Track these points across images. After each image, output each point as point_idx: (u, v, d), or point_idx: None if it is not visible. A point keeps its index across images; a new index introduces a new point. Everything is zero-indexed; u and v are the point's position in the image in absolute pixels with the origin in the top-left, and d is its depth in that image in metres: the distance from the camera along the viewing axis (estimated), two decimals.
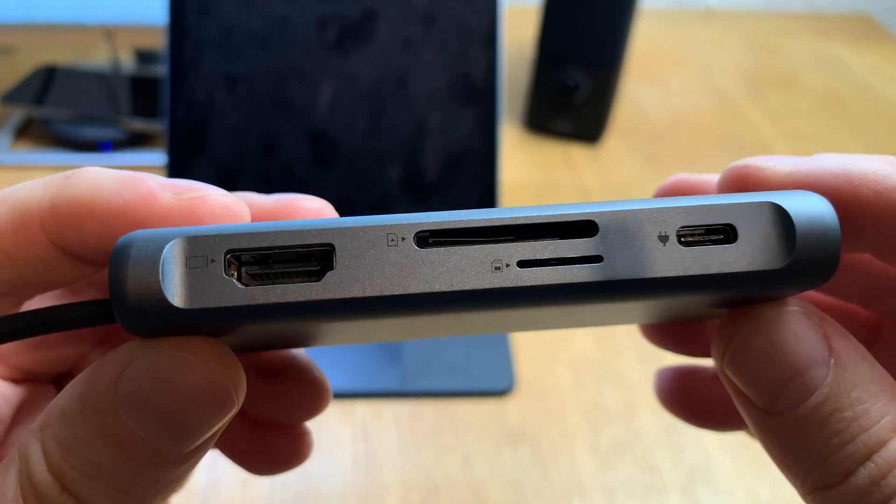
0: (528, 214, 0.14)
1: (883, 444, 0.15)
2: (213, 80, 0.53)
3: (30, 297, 0.17)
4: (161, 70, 0.69)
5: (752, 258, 0.14)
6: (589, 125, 0.70)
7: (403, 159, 0.54)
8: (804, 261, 0.14)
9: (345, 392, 0.46)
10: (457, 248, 0.14)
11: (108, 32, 0.65)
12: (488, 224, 0.14)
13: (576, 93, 0.67)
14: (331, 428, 0.45)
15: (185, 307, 0.13)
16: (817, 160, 0.16)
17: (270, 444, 0.23)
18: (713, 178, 0.19)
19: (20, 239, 0.15)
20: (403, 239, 0.14)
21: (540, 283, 0.14)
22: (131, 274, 0.13)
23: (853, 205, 0.16)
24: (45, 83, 0.67)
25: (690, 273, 0.14)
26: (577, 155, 0.70)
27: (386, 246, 0.14)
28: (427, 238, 0.14)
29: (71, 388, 0.14)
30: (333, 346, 0.23)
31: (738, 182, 0.17)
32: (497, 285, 0.13)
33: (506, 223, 0.14)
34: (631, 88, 0.80)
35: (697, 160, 0.71)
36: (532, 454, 0.44)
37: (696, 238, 0.14)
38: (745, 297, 0.15)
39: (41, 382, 0.20)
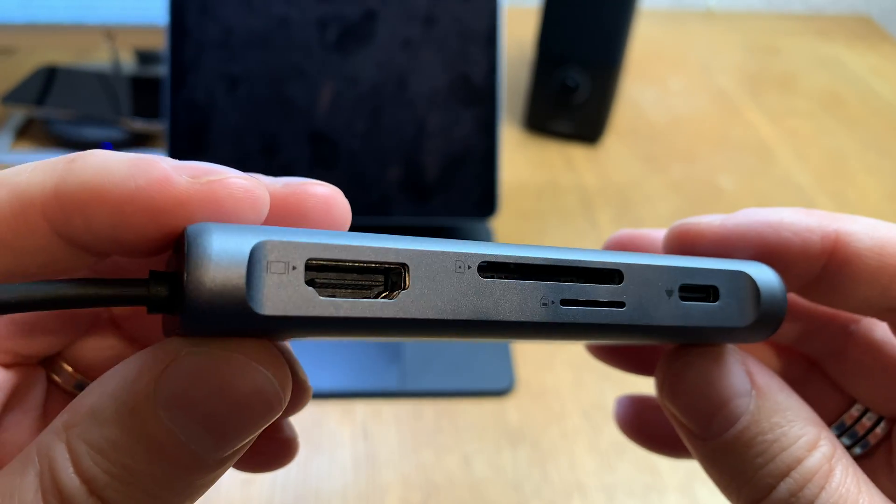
0: (570, 259, 0.16)
1: (799, 461, 0.17)
2: (214, 80, 0.53)
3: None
4: (161, 70, 0.69)
5: (730, 316, 0.17)
6: (589, 125, 0.70)
7: (403, 159, 0.55)
8: (764, 319, 0.17)
9: (345, 392, 0.46)
10: (511, 281, 0.15)
11: (109, 33, 0.65)
12: (539, 264, 0.15)
13: (576, 93, 0.67)
14: (331, 428, 0.45)
15: (266, 314, 0.13)
16: (742, 213, 0.19)
17: (257, 442, 0.22)
18: (656, 232, 0.22)
19: (20, 227, 0.14)
20: (469, 267, 0.15)
21: (578, 321, 0.16)
22: (214, 270, 0.12)
23: (774, 244, 0.19)
24: (46, 83, 0.67)
25: (688, 324, 0.17)
26: (576, 155, 0.70)
27: (454, 273, 0.14)
28: (486, 269, 0.15)
29: (102, 385, 0.14)
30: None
31: (680, 239, 0.20)
32: (545, 320, 0.15)
33: (552, 265, 0.16)
34: (631, 88, 0.80)
35: (697, 160, 0.71)
36: (532, 454, 0.44)
37: (691, 294, 0.17)
38: (707, 343, 0.18)
39: (30, 366, 0.19)
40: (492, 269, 0.15)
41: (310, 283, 0.13)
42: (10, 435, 0.18)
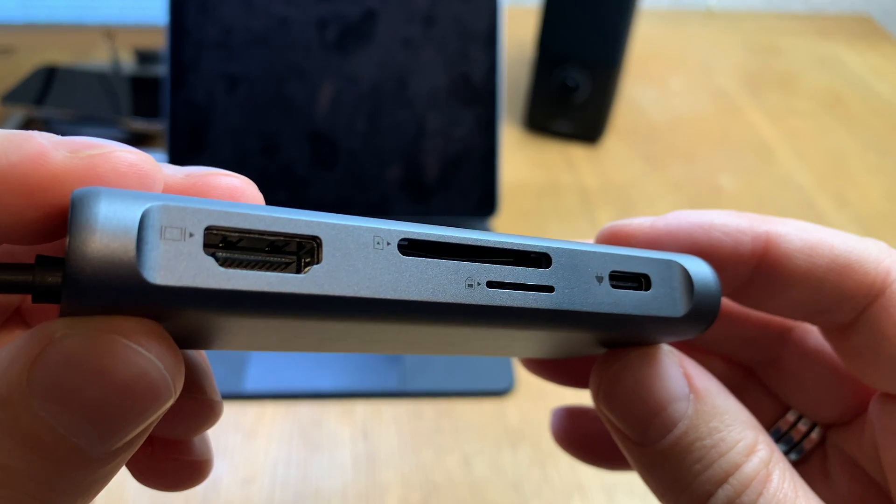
0: (496, 240, 0.15)
1: (737, 467, 0.17)
2: (214, 80, 0.53)
3: None
4: (161, 70, 0.69)
5: (662, 305, 0.17)
6: (589, 125, 0.70)
7: (403, 159, 0.54)
8: (698, 310, 0.17)
9: (345, 392, 0.46)
10: (434, 260, 0.14)
11: (109, 32, 0.65)
12: (463, 243, 0.15)
13: (576, 93, 0.67)
14: (331, 428, 0.45)
15: (159, 283, 0.11)
16: (673, 215, 0.20)
17: (161, 463, 0.20)
18: (640, 220, 0.22)
19: None
20: (388, 244, 0.14)
21: (504, 304, 0.15)
22: (100, 234, 0.11)
23: (705, 245, 0.19)
24: (46, 83, 0.67)
25: (617, 312, 0.16)
26: (576, 155, 0.70)
27: (372, 249, 0.13)
28: (406, 246, 0.14)
29: None
30: (246, 350, 0.21)
31: (612, 240, 0.20)
32: (471, 301, 0.14)
33: (478, 244, 0.15)
34: (631, 88, 0.80)
35: (697, 160, 0.71)
36: (532, 454, 0.44)
37: (622, 282, 0.16)
38: (641, 338, 0.18)
39: None
40: (413, 247, 0.14)
41: (210, 254, 0.12)
42: None
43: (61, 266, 0.12)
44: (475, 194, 0.55)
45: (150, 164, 0.14)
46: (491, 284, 0.15)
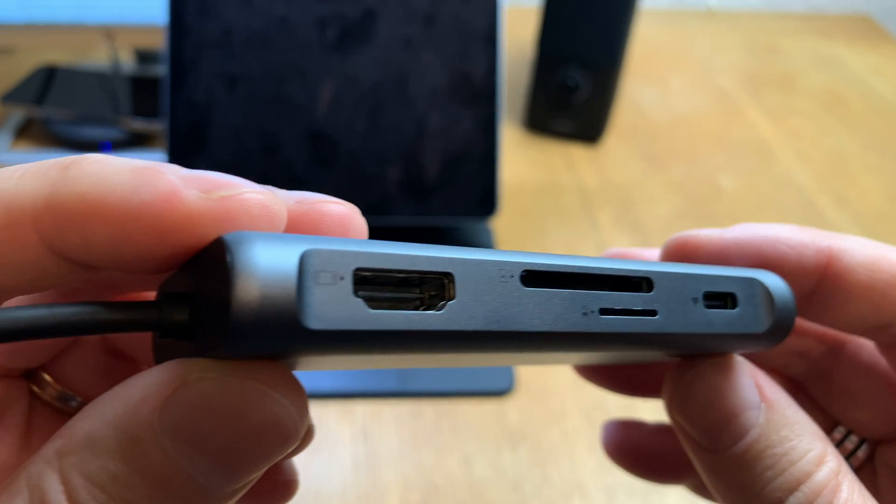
0: (606, 268, 0.16)
1: (808, 476, 0.17)
2: (213, 80, 0.53)
3: (9, 297, 0.14)
4: (161, 70, 0.69)
5: (749, 323, 0.17)
6: (589, 125, 0.70)
7: (403, 159, 0.54)
8: (777, 325, 0.18)
9: (345, 392, 0.46)
10: (553, 290, 0.15)
11: (108, 32, 0.65)
12: (578, 272, 0.15)
13: (576, 93, 0.67)
14: (331, 428, 0.45)
15: (316, 328, 0.12)
16: (739, 227, 0.20)
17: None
18: (649, 252, 0.22)
19: (7, 240, 0.13)
20: (512, 277, 0.14)
21: (616, 330, 0.15)
22: (263, 283, 0.11)
23: (771, 257, 0.19)
24: (46, 83, 0.67)
25: (713, 332, 0.17)
26: (577, 155, 0.70)
27: (499, 282, 0.14)
28: (526, 277, 0.15)
29: (99, 410, 0.12)
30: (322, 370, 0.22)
31: (678, 251, 0.20)
32: (586, 329, 0.15)
33: (590, 273, 0.16)
34: (631, 88, 0.80)
35: (697, 160, 0.71)
36: (532, 454, 0.44)
37: (713, 302, 0.17)
38: (722, 351, 0.18)
39: (12, 378, 0.18)
40: (532, 277, 0.15)
41: (358, 294, 0.12)
42: None
43: (186, 303, 0.13)
44: (475, 194, 0.55)
45: (279, 205, 0.14)
46: (603, 312, 0.15)
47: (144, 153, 0.65)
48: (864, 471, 0.22)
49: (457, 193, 0.55)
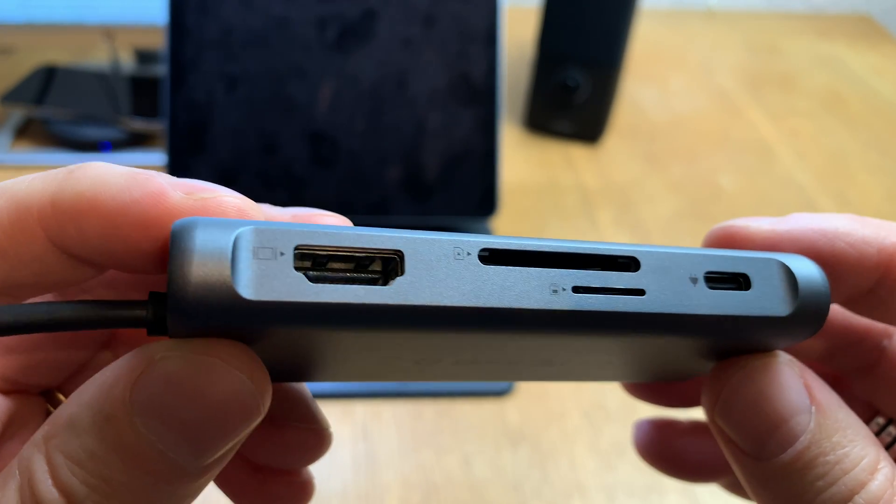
0: (581, 247, 0.15)
1: (863, 485, 0.16)
2: (213, 80, 0.53)
3: (23, 298, 0.16)
4: (161, 70, 0.69)
5: (763, 305, 0.16)
6: (589, 125, 0.70)
7: (403, 159, 0.54)
8: (803, 310, 0.16)
9: (345, 392, 0.46)
10: (517, 268, 0.14)
11: (108, 32, 0.65)
12: (545, 251, 0.14)
13: (576, 93, 0.67)
14: (331, 428, 0.45)
15: (255, 299, 0.12)
16: (794, 218, 0.19)
17: (270, 489, 0.22)
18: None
19: (17, 235, 0.14)
20: (469, 254, 0.14)
21: (593, 308, 0.14)
22: (198, 260, 0.12)
23: (828, 255, 0.18)
24: (45, 83, 0.67)
25: (715, 313, 0.15)
26: (577, 155, 0.70)
27: (453, 259, 0.13)
28: (488, 257, 0.14)
29: (79, 395, 0.13)
30: (347, 381, 0.22)
31: (725, 241, 0.19)
32: (556, 307, 0.14)
33: (560, 251, 0.14)
34: (631, 88, 0.80)
35: (697, 160, 0.71)
36: (532, 454, 0.44)
37: (720, 283, 0.16)
38: (748, 342, 0.17)
39: (30, 394, 0.18)
40: (493, 257, 0.14)
41: (300, 271, 0.13)
42: (5, 465, 0.17)
43: (167, 299, 0.13)
44: (475, 194, 0.55)
45: (254, 209, 0.15)
46: (577, 290, 0.14)
47: (144, 153, 0.65)
48: None
49: (457, 193, 0.55)
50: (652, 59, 0.86)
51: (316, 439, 0.21)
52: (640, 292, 0.15)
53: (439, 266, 0.13)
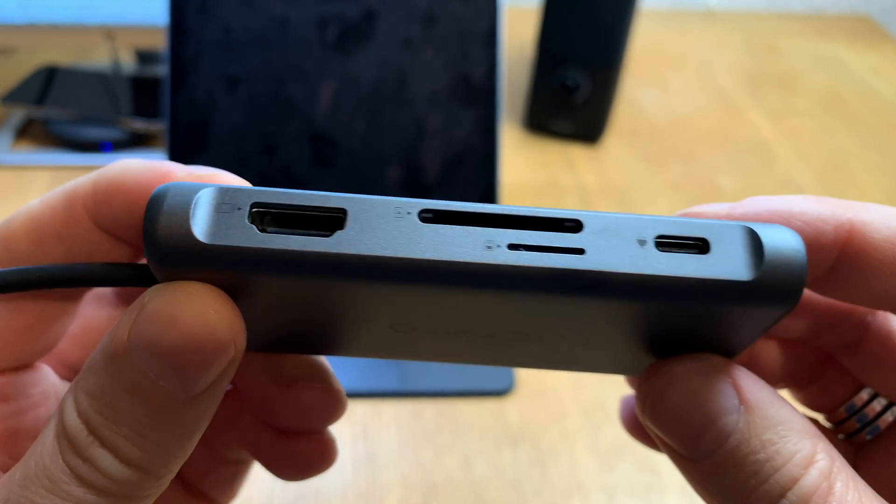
0: (522, 210, 0.15)
1: (795, 481, 0.16)
2: (214, 80, 0.53)
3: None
4: (161, 70, 0.69)
5: (722, 268, 0.14)
6: (589, 125, 0.70)
7: (403, 159, 0.54)
8: (771, 277, 0.14)
9: (345, 392, 0.46)
10: (455, 226, 0.15)
11: (109, 32, 0.65)
12: (485, 212, 0.15)
13: (576, 93, 0.67)
14: (331, 428, 0.45)
15: (208, 242, 0.14)
16: (749, 201, 0.18)
17: (294, 450, 0.24)
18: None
19: (69, 220, 0.17)
20: (409, 213, 0.15)
21: (526, 264, 0.14)
22: (165, 212, 0.14)
23: None
24: (46, 83, 0.67)
25: (663, 273, 0.14)
26: (577, 155, 0.70)
27: (393, 218, 0.15)
28: (429, 217, 0.15)
29: (99, 343, 0.16)
30: (343, 356, 0.24)
31: None
32: (489, 261, 0.14)
33: (500, 213, 0.15)
34: (631, 88, 0.80)
35: (697, 160, 0.71)
36: (532, 454, 0.44)
37: (673, 248, 0.15)
38: (704, 319, 0.16)
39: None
40: (435, 217, 0.15)
41: (253, 223, 0.15)
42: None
43: None
44: (475, 194, 0.55)
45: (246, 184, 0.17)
46: (512, 247, 0.14)
47: (145, 153, 0.65)
48: (893, 432, 0.21)
49: (457, 193, 0.55)
50: (652, 59, 0.86)
51: (330, 399, 0.24)
52: (580, 251, 0.14)
53: (379, 223, 0.15)
